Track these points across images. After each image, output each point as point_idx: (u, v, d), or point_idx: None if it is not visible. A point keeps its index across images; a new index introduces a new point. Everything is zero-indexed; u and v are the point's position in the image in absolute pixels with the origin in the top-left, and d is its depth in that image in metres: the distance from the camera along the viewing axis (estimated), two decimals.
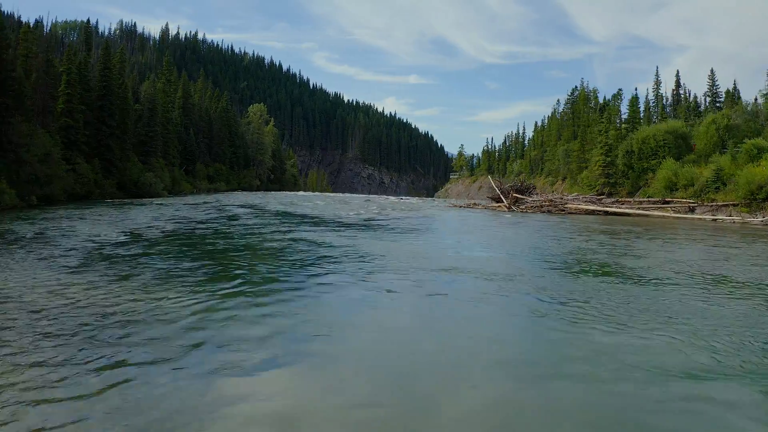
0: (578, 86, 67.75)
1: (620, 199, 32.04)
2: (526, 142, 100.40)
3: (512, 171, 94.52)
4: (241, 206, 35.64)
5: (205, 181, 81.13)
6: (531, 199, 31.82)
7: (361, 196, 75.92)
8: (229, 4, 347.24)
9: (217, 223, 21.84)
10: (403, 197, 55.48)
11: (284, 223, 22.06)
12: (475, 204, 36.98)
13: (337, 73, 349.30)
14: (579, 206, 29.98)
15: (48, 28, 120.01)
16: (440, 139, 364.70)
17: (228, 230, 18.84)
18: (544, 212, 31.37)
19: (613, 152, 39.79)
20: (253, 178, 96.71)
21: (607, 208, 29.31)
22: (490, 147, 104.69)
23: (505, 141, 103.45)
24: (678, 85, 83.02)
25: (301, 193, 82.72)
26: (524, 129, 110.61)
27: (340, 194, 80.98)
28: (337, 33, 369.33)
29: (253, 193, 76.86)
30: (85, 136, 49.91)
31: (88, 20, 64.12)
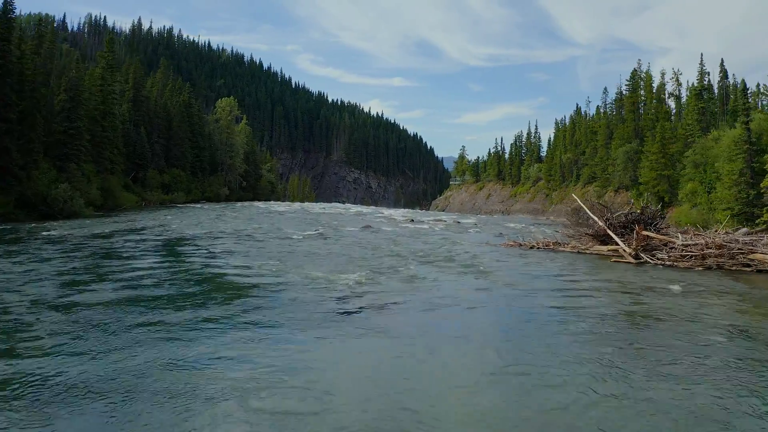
0: (637, 69, 53.30)
1: None
2: (543, 144, 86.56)
3: (528, 177, 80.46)
4: (159, 245, 20.77)
5: (158, 191, 65.72)
6: (680, 243, 17.31)
7: (351, 210, 61.16)
8: (212, 5, 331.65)
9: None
10: (415, 218, 40.90)
11: (195, 336, 7.53)
12: (555, 244, 22.11)
13: (322, 75, 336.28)
14: None
15: None
16: (426, 141, 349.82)
17: None
18: (708, 267, 16.91)
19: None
20: (221, 186, 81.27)
21: None
22: (499, 148, 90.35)
23: (515, 142, 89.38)
24: (725, 75, 69.88)
25: (275, 205, 67.62)
26: (537, 128, 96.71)
27: (326, 209, 66.65)
28: (322, 35, 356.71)
29: (216, 206, 61.62)
30: None
31: None
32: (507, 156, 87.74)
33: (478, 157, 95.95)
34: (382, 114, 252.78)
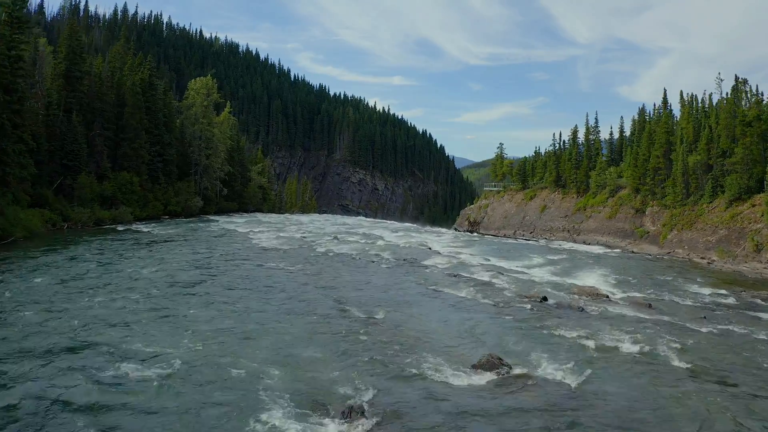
0: None
1: None
2: (614, 140, 66.45)
3: (603, 184, 60.31)
4: None
5: (94, 205, 45.61)
6: None
7: (379, 242, 41.29)
8: (213, 3, 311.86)
9: None
10: (541, 284, 19.81)
11: None
12: None
13: (322, 73, 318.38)
14: None
15: None
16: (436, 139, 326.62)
17: None
18: None
19: None
20: (193, 194, 60.93)
21: None
22: (557, 148, 70.07)
23: (573, 139, 69.31)
24: None
25: (261, 226, 47.54)
26: (597, 121, 76.31)
27: (339, 237, 46.37)
28: (322, 34, 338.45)
29: (173, 229, 41.40)
30: None
31: None
32: (567, 158, 67.55)
33: (525, 158, 75.79)
34: (389, 109, 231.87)
